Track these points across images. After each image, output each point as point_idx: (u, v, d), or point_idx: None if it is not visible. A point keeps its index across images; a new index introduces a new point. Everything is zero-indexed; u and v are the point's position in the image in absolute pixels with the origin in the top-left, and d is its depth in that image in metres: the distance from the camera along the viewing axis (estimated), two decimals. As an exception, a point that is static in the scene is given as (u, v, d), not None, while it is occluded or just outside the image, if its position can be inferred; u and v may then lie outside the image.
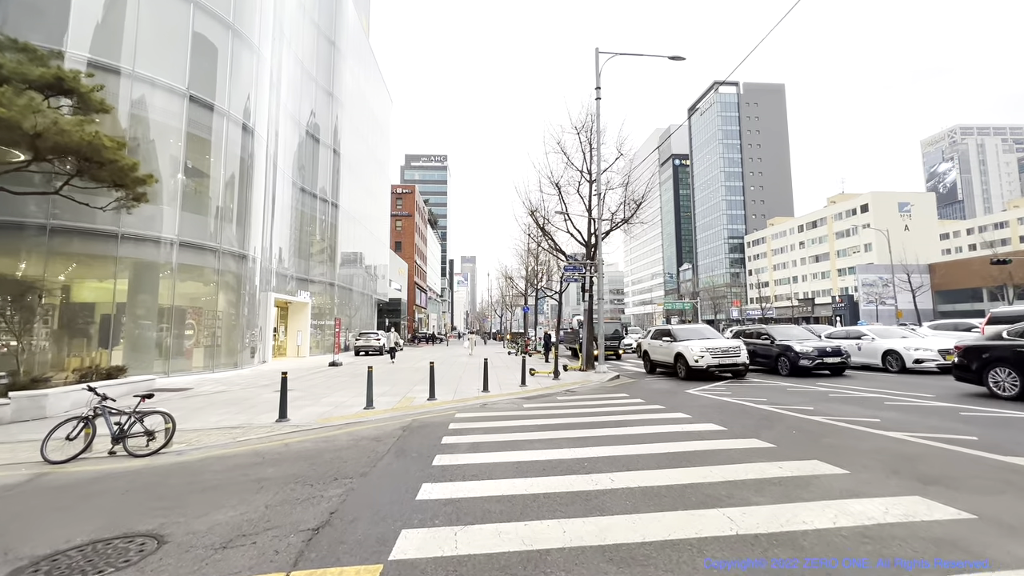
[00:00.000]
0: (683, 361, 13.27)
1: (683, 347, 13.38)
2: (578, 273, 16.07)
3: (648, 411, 8.29)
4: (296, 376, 15.48)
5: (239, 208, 18.13)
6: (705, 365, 12.83)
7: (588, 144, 17.32)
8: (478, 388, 12.13)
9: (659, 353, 14.88)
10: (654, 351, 15.24)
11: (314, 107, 26.27)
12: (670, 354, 14.01)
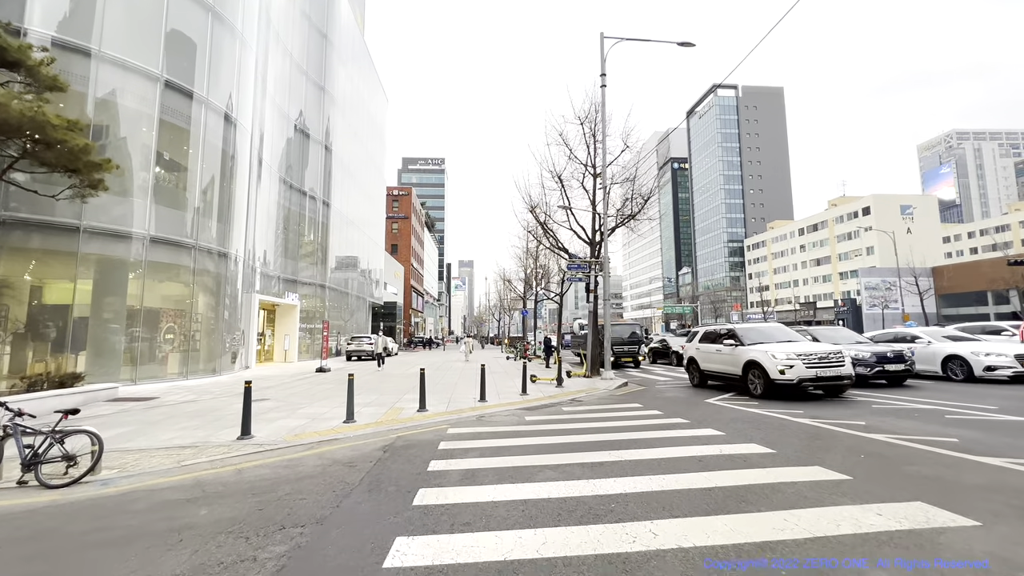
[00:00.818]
0: (759, 372, 9.74)
1: (759, 353, 9.86)
2: (582, 272, 14.96)
3: (670, 426, 7.15)
4: (278, 383, 14.29)
5: (220, 204, 16.98)
6: (796, 378, 9.14)
7: (592, 135, 16.28)
8: (474, 397, 10.98)
9: (715, 361, 11.58)
10: (707, 359, 12.00)
11: (304, 101, 25.20)
12: (735, 363, 10.61)
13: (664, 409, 8.95)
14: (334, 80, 28.77)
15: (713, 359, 11.78)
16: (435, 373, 17.70)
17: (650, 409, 9.04)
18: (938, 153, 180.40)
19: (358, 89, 34.92)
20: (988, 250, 78.13)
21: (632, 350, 19.48)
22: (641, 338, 20.17)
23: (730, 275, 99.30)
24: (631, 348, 19.47)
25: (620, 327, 19.83)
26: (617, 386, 13.21)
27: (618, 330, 19.00)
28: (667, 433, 6.62)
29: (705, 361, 12.20)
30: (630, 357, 19.59)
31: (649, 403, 9.96)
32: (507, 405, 10.09)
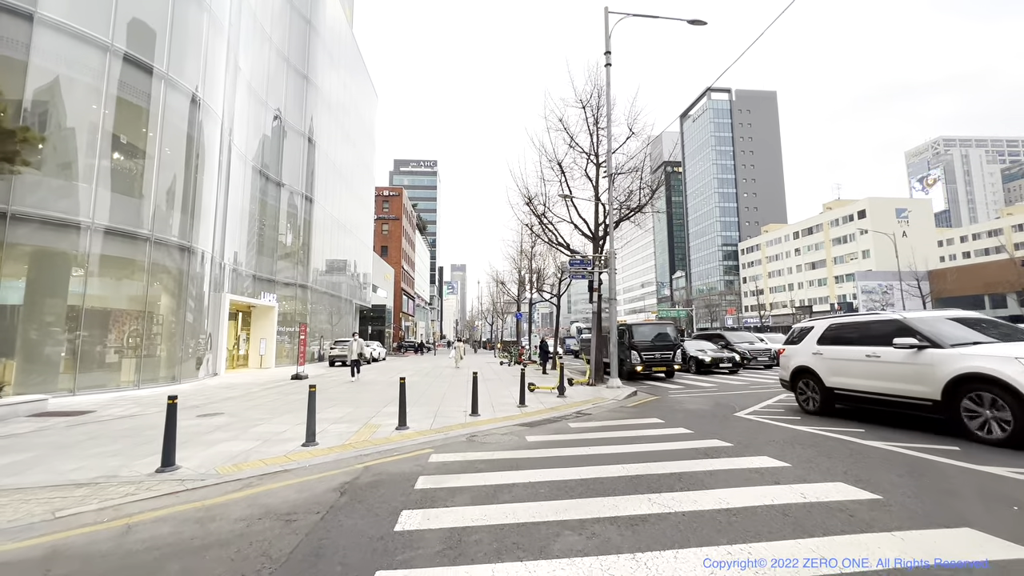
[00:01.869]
0: (996, 396, 5.48)
1: (993, 361, 5.57)
2: (584, 268, 13.52)
3: (712, 452, 5.69)
4: (242, 393, 12.64)
5: (185, 194, 15.33)
6: None
7: (595, 121, 14.90)
8: (465, 411, 9.45)
9: (864, 376, 7.22)
10: (843, 370, 7.63)
11: (285, 89, 23.60)
12: (923, 378, 6.25)
13: (693, 426, 7.49)
14: (318, 69, 27.21)
15: (859, 372, 7.33)
16: (422, 380, 16.12)
17: (675, 427, 7.56)
18: (926, 159, 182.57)
19: (345, 82, 33.37)
20: (981, 254, 78.15)
21: (664, 357, 15.43)
22: (676, 340, 16.18)
23: (724, 279, 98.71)
24: (663, 355, 15.50)
25: (646, 328, 16.60)
26: (626, 396, 11.75)
27: (643, 331, 16.25)
28: (713, 463, 5.15)
29: (838, 374, 7.75)
30: (662, 366, 15.32)
31: (670, 417, 8.49)
32: (503, 420, 8.57)
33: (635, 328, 16.22)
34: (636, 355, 15.42)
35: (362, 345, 15.97)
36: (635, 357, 15.40)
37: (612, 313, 13.14)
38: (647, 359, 15.37)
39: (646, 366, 15.32)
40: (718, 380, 14.90)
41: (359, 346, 15.71)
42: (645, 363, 15.34)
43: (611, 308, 13.15)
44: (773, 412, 8.70)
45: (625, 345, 15.73)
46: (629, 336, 15.86)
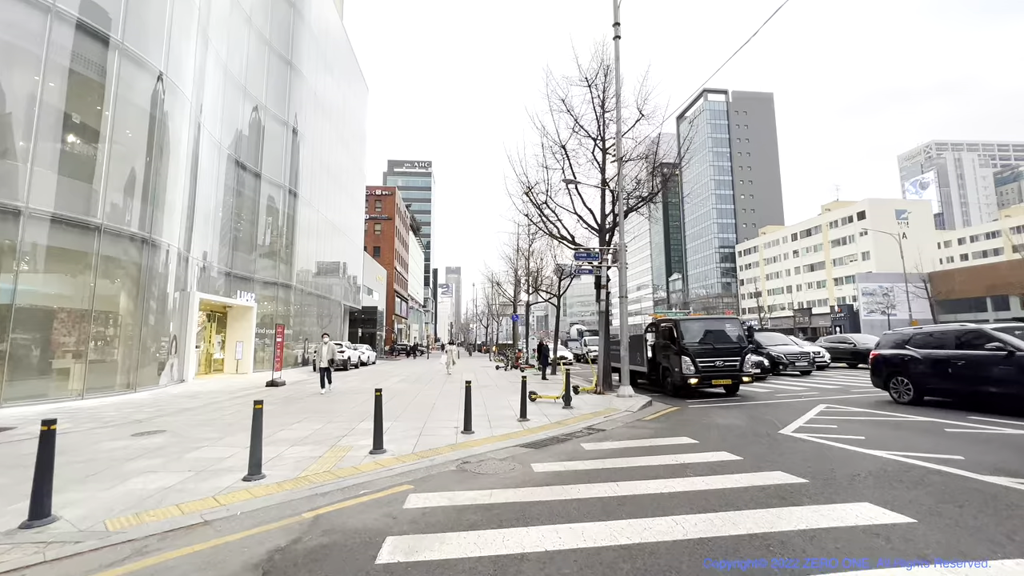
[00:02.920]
0: None
1: None
2: (590, 262, 12.09)
3: (784, 492, 4.26)
4: (202, 404, 11.07)
5: (147, 180, 13.76)
6: None
7: (601, 101, 13.52)
8: (457, 426, 7.98)
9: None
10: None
11: (267, 74, 22.07)
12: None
13: (738, 449, 6.06)
14: (303, 56, 25.69)
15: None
16: (410, 388, 14.60)
17: (715, 450, 6.14)
18: (919, 163, 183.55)
19: (333, 72, 31.86)
20: (979, 256, 77.75)
21: (729, 365, 11.40)
22: (742, 342, 11.88)
23: (721, 281, 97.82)
24: (727, 362, 11.41)
25: (698, 324, 12.55)
26: (641, 406, 10.32)
27: (696, 329, 12.09)
28: (800, 516, 3.71)
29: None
30: (725, 378, 11.33)
31: (702, 436, 7.06)
32: (502, 439, 7.11)
33: (685, 325, 12.15)
34: (689, 362, 11.34)
35: (333, 349, 13.49)
36: (687, 365, 11.34)
37: (622, 312, 11.72)
38: (705, 368, 11.28)
39: (703, 378, 11.22)
40: (745, 388, 13.38)
41: (329, 350, 13.36)
42: (702, 374, 11.24)
43: (621, 307, 11.73)
44: (824, 429, 7.30)
45: (672, 349, 11.97)
46: (676, 336, 11.82)
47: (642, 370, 13.69)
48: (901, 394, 9.67)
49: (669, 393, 12.18)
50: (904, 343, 9.84)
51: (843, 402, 10.18)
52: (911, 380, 9.43)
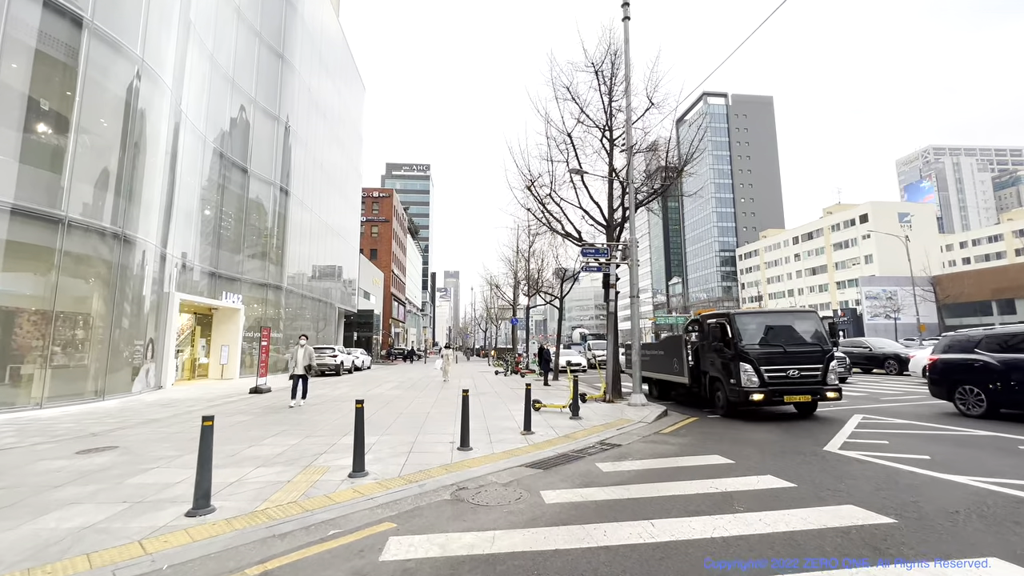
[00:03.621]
0: None
1: None
2: (598, 259, 11.15)
3: (869, 536, 3.32)
4: (174, 414, 10.08)
5: (122, 172, 12.81)
6: None
7: (608, 89, 12.65)
8: (452, 441, 7.02)
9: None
10: None
11: (257, 68, 21.19)
12: None
13: (784, 471, 5.11)
14: (296, 50, 24.83)
15: None
16: (404, 395, 13.60)
17: (757, 472, 5.18)
18: (917, 167, 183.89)
19: (328, 67, 31.02)
20: (981, 259, 77.15)
21: (809, 376, 8.64)
22: (825, 345, 8.96)
23: (722, 284, 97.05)
24: (805, 371, 8.64)
25: (760, 320, 9.50)
26: (656, 417, 9.36)
27: (756, 326, 9.24)
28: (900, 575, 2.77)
29: None
30: (803, 393, 8.54)
31: (736, 454, 6.11)
32: (504, 457, 6.15)
33: (742, 321, 9.24)
34: (750, 371, 8.54)
35: (311, 354, 11.41)
36: (748, 375, 8.54)
37: (634, 313, 10.78)
38: (775, 380, 8.52)
39: (771, 393, 8.41)
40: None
41: (306, 355, 11.17)
42: (770, 387, 8.46)
43: (633, 307, 10.79)
44: (874, 445, 6.36)
45: (725, 354, 9.20)
46: (730, 336, 9.08)
47: (680, 381, 10.90)
48: (970, 405, 8.30)
49: (722, 412, 9.43)
50: (973, 347, 8.54)
51: (879, 412, 9.24)
52: (983, 390, 8.11)
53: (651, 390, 12.79)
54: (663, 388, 12.20)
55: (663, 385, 12.14)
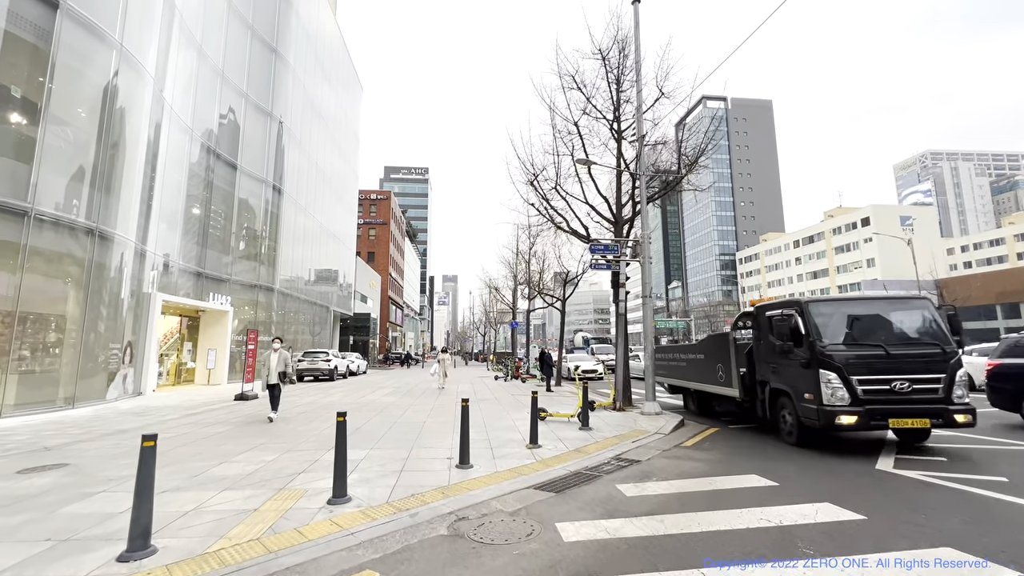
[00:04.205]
0: None
1: None
2: (607, 256, 10.37)
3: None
4: (146, 424, 9.25)
5: (99, 163, 12.01)
6: None
7: (616, 76, 11.93)
8: (450, 457, 6.21)
9: None
10: None
11: (248, 61, 20.46)
12: None
13: (835, 494, 4.31)
14: (291, 46, 24.13)
15: None
16: (399, 403, 12.77)
17: (808, 499, 4.39)
18: (915, 171, 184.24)
19: (324, 65, 30.33)
20: (983, 263, 76.68)
21: (927, 387, 6.11)
22: (947, 346, 6.36)
23: (722, 288, 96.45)
24: (917, 383, 6.09)
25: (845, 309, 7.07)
26: (673, 428, 8.56)
27: (839, 316, 6.89)
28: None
29: None
30: (918, 416, 6.00)
31: (770, 470, 5.33)
32: (510, 477, 5.35)
33: (818, 310, 6.88)
34: (836, 382, 6.14)
35: (287, 359, 9.57)
36: (831, 388, 6.14)
37: (646, 315, 10.00)
38: (873, 396, 6.11)
39: (868, 414, 6.01)
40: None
41: (281, 360, 9.41)
42: (868, 405, 6.05)
43: (645, 309, 10.02)
44: (933, 462, 5.58)
45: (796, 358, 6.78)
46: (804, 332, 6.72)
47: (726, 393, 8.58)
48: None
49: (791, 440, 6.93)
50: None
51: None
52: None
53: (687, 403, 10.95)
54: (703, 402, 10.07)
55: (703, 398, 10.02)
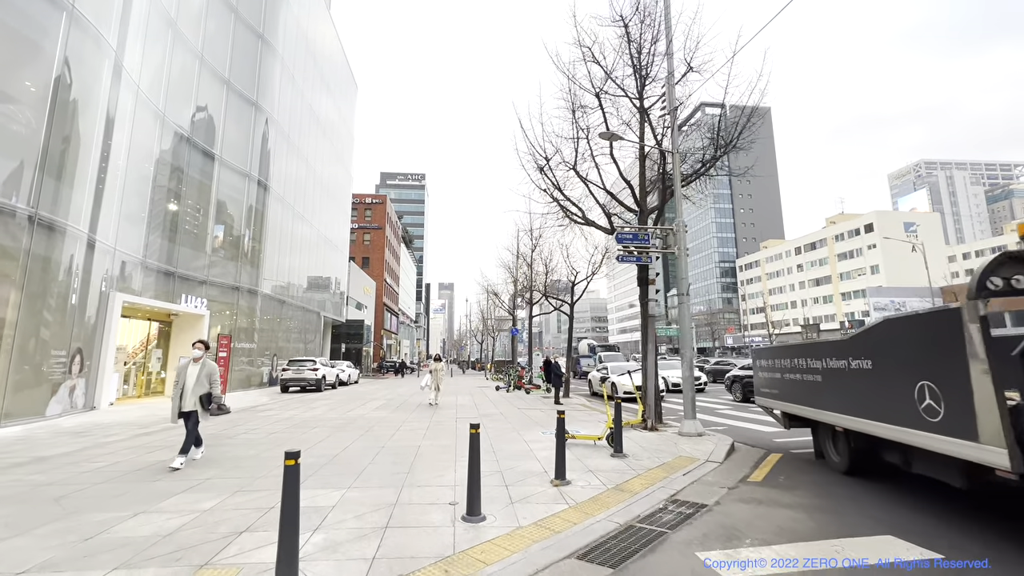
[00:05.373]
0: None
1: None
2: (637, 246, 8.81)
3: None
4: (84, 446, 7.54)
5: (47, 145, 10.42)
6: None
7: (639, 46, 10.47)
8: (453, 502, 4.57)
9: None
10: None
11: (231, 45, 18.97)
12: None
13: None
14: (279, 33, 22.70)
15: None
16: (391, 418, 11.08)
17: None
18: (910, 180, 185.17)
19: (316, 58, 28.92)
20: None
21: None
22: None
23: (722, 296, 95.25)
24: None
25: None
26: (726, 453, 6.96)
27: None
28: None
29: None
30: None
31: (906, 521, 3.73)
32: (539, 537, 3.73)
33: None
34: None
35: (212, 375, 6.43)
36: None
37: (683, 315, 8.43)
38: None
39: None
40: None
41: (204, 375, 6.35)
42: None
43: (681, 309, 8.45)
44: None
45: None
46: None
47: (966, 454, 3.65)
48: None
49: None
50: None
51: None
52: None
53: (822, 446, 6.39)
54: (864, 449, 5.46)
55: (867, 446, 5.36)
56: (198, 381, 6.30)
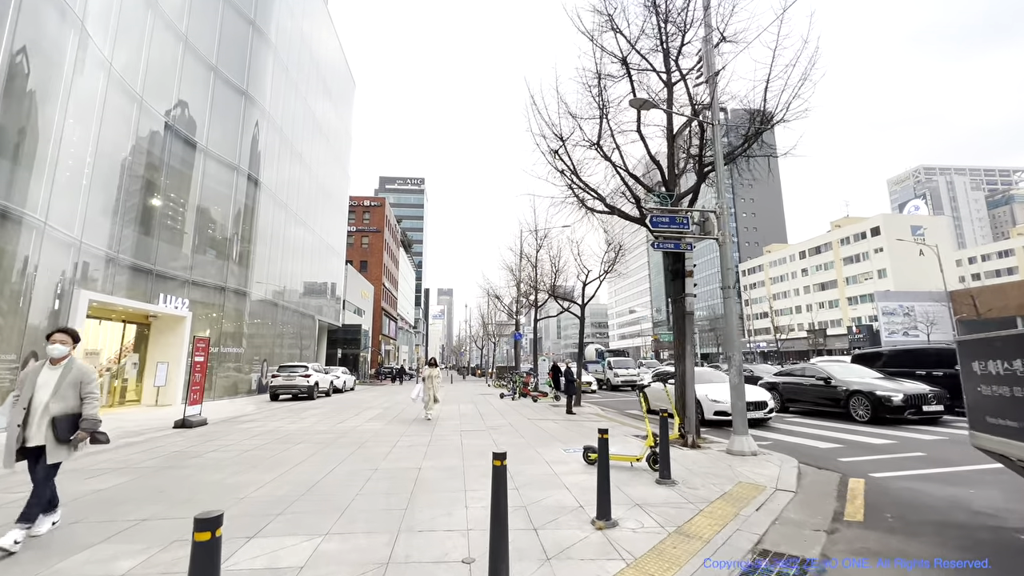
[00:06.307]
0: None
1: None
2: (676, 231, 7.56)
3: None
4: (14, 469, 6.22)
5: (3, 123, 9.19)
6: None
7: (666, 14, 9.29)
8: (466, 558, 3.26)
9: None
10: None
11: (220, 29, 17.82)
12: None
13: None
14: (272, 21, 21.60)
15: None
16: (386, 432, 9.76)
17: None
18: (910, 186, 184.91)
19: (311, 50, 27.82)
20: (992, 275, 74.84)
21: None
22: None
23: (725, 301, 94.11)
24: None
25: None
26: (796, 477, 5.69)
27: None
28: None
29: None
30: None
31: None
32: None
33: None
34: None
35: (80, 384, 3.90)
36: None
37: (729, 311, 7.18)
38: None
39: None
40: (899, 435, 8.88)
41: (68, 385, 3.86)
42: None
43: (727, 304, 7.20)
44: None
45: None
46: None
47: None
48: None
49: None
50: None
51: None
52: None
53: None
54: None
55: None
56: (56, 394, 3.79)
